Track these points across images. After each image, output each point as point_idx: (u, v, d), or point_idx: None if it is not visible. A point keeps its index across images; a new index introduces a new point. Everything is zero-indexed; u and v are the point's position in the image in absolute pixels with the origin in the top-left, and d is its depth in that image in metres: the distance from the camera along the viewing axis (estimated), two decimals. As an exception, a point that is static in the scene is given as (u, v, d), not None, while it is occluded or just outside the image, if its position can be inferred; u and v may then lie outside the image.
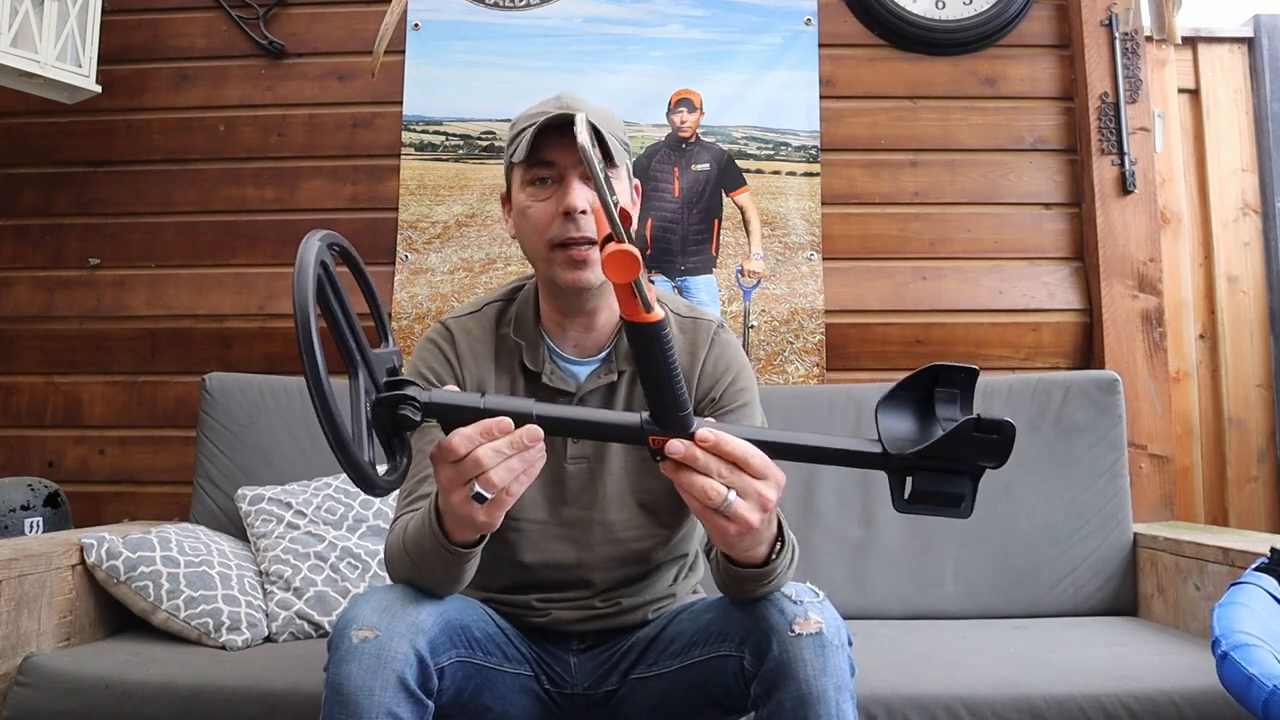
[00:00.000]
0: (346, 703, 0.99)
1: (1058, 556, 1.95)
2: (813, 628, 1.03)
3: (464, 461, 0.91)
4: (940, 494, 0.87)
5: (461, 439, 0.90)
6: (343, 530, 1.87)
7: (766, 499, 0.92)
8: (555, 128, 1.16)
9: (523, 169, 1.21)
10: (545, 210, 1.19)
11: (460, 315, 1.32)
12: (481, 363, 1.27)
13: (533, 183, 1.20)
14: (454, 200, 2.40)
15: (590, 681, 1.26)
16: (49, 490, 2.10)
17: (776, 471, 0.93)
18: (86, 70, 2.21)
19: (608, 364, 1.26)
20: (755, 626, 1.06)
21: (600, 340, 1.27)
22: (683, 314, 1.32)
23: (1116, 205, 2.31)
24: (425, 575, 1.08)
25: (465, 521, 0.96)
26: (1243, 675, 1.14)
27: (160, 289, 2.41)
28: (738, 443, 0.91)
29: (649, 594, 1.29)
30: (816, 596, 1.08)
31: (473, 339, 1.29)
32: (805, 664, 1.01)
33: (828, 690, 1.01)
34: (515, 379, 1.27)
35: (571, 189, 1.17)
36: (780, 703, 1.01)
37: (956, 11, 2.42)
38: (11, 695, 1.50)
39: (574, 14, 2.46)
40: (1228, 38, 2.53)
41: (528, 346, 1.26)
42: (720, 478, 0.90)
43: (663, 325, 0.86)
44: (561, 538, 1.25)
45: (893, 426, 0.90)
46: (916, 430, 0.90)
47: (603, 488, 1.24)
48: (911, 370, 0.93)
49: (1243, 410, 2.43)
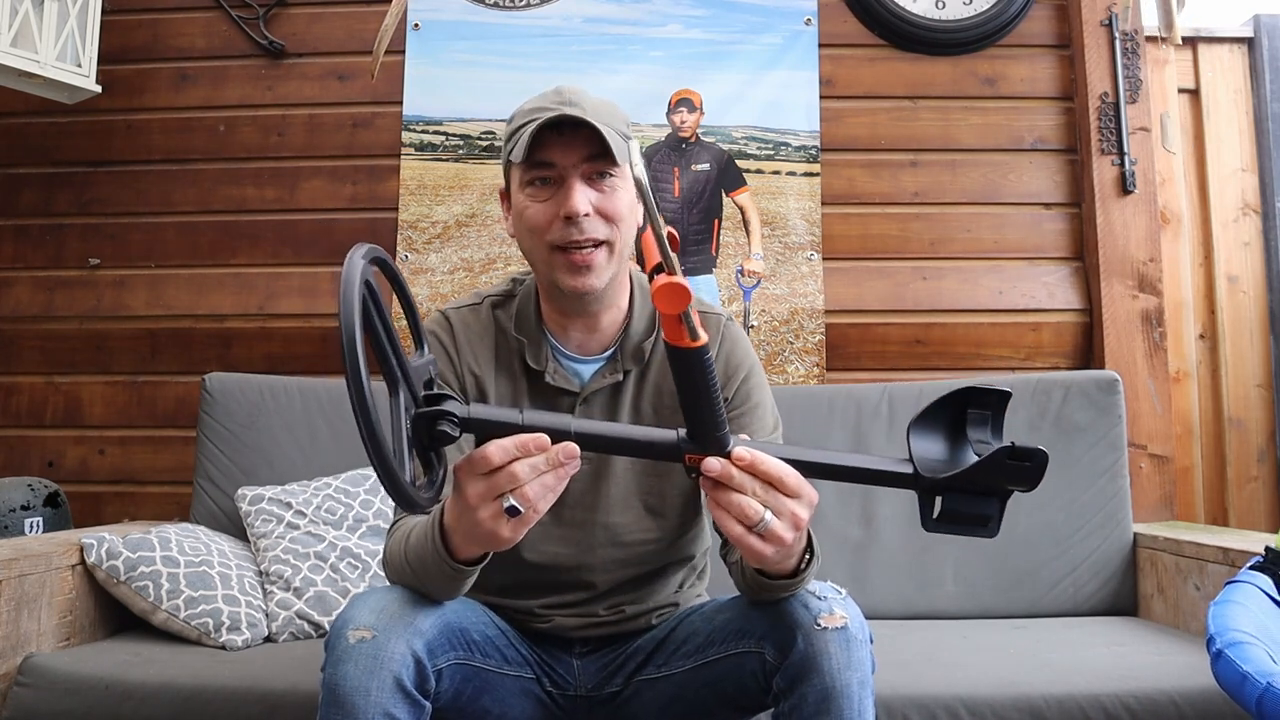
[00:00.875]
0: (342, 703, 0.99)
1: (1058, 556, 1.95)
2: (838, 622, 1.03)
3: (498, 474, 0.88)
4: (969, 515, 0.89)
5: (498, 450, 0.87)
6: (343, 530, 1.87)
7: (800, 518, 0.91)
8: (555, 127, 1.11)
9: (521, 169, 1.16)
10: (545, 212, 1.14)
11: (459, 306, 1.29)
12: (480, 357, 1.25)
13: (531, 183, 1.15)
14: (454, 200, 2.40)
15: (594, 683, 1.25)
16: (49, 490, 2.10)
17: (810, 490, 0.93)
18: (86, 70, 2.21)
19: (612, 363, 1.24)
20: (779, 621, 1.06)
21: (604, 340, 1.25)
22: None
23: (1116, 205, 2.31)
24: (426, 584, 1.07)
25: (488, 538, 0.92)
26: (1237, 673, 1.15)
27: (160, 289, 2.41)
28: (774, 462, 0.90)
29: (652, 600, 1.29)
30: (839, 594, 1.08)
31: (471, 332, 1.26)
32: (831, 658, 1.01)
33: (851, 684, 1.01)
34: (516, 377, 1.25)
35: (573, 192, 1.12)
36: (804, 696, 1.01)
37: (956, 11, 2.41)
38: (11, 695, 1.50)
39: (574, 14, 2.46)
40: (1228, 38, 2.53)
41: (530, 345, 1.24)
42: (756, 496, 0.90)
43: (706, 350, 0.86)
44: (562, 539, 1.24)
45: (924, 447, 0.91)
46: (947, 451, 0.91)
47: (607, 490, 1.23)
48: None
49: (1243, 410, 2.43)
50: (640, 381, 1.25)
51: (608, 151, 1.11)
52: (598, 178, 1.14)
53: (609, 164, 1.14)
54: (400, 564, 1.09)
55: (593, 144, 1.12)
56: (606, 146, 1.11)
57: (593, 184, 1.14)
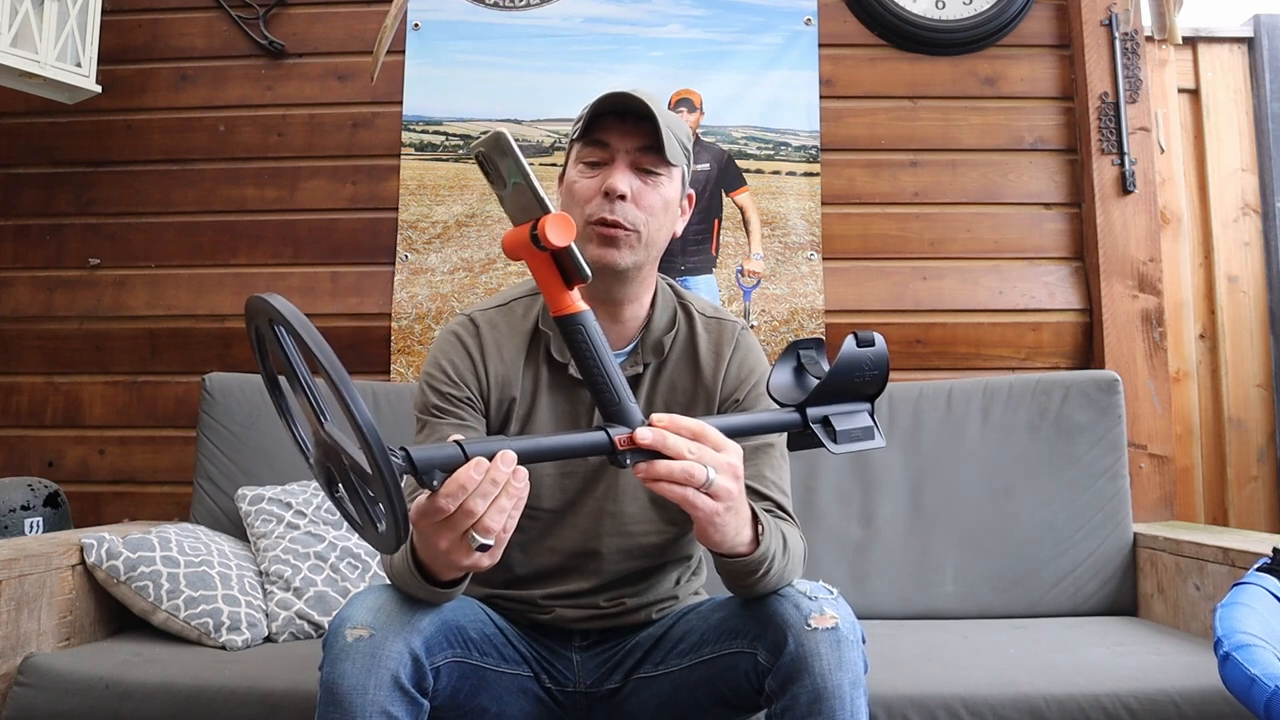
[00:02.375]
0: (340, 702, 0.99)
1: (1058, 556, 1.95)
2: (829, 623, 1.04)
3: (455, 516, 0.86)
4: (856, 429, 1.00)
5: (445, 499, 0.85)
6: (343, 530, 1.87)
7: (735, 467, 0.95)
8: (617, 113, 1.18)
9: (579, 147, 1.22)
10: (590, 187, 1.20)
11: (485, 308, 1.31)
12: (508, 357, 1.26)
13: (585, 161, 1.21)
14: (454, 200, 2.40)
15: (593, 679, 1.26)
16: (49, 490, 2.10)
17: (731, 442, 0.96)
18: (86, 70, 2.21)
19: (634, 356, 1.27)
20: (770, 622, 1.07)
21: (627, 334, 1.28)
22: (708, 314, 1.32)
23: (1116, 205, 2.31)
24: (418, 595, 1.08)
25: (469, 568, 0.96)
26: (1245, 676, 1.14)
27: (160, 289, 2.41)
28: (691, 420, 0.94)
29: (653, 594, 1.30)
30: (831, 594, 1.09)
31: (499, 333, 1.27)
32: (821, 659, 1.02)
33: (843, 685, 1.01)
34: (540, 370, 1.26)
35: (617, 172, 1.18)
36: (795, 696, 1.02)
37: (956, 11, 2.41)
38: (11, 695, 1.50)
39: (574, 14, 2.46)
40: (1228, 38, 2.53)
41: (555, 337, 1.25)
42: (693, 456, 0.92)
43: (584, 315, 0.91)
44: (572, 526, 1.25)
45: (786, 395, 1.03)
46: (803, 387, 1.05)
47: (618, 479, 1.25)
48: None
49: (1243, 410, 2.43)
50: (656, 376, 1.28)
51: (660, 146, 1.17)
52: (645, 171, 1.20)
53: (659, 160, 1.19)
54: (400, 570, 1.09)
55: (649, 136, 1.18)
56: (660, 141, 1.16)
57: (639, 174, 1.20)
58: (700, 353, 1.28)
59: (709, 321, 1.31)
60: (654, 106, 1.17)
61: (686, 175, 1.26)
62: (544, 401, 1.26)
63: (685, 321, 1.30)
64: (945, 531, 1.97)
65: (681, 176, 1.25)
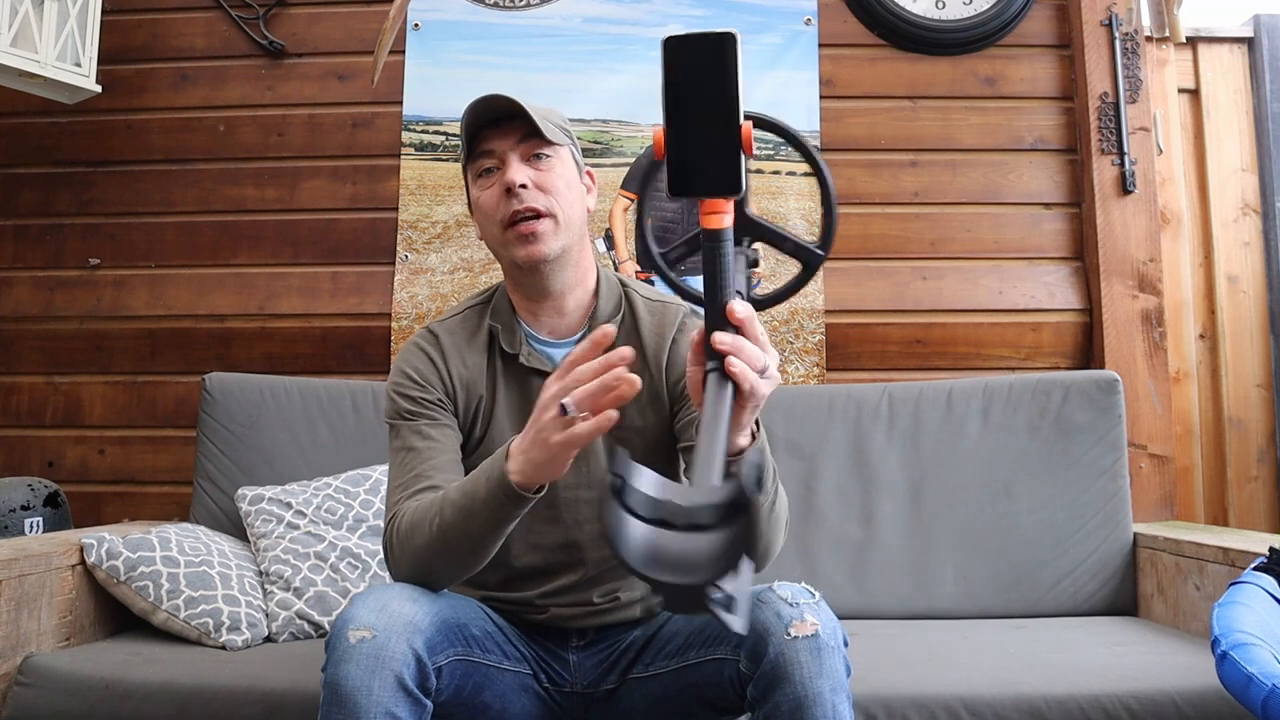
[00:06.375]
0: (345, 703, 1.00)
1: (1058, 556, 1.95)
2: (809, 630, 1.04)
3: (568, 376, 0.98)
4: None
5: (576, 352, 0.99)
6: (343, 530, 1.87)
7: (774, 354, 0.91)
8: (492, 122, 1.25)
9: (472, 167, 1.28)
10: (493, 194, 1.25)
11: (443, 319, 1.37)
12: (470, 361, 1.31)
13: (481, 174, 1.27)
14: (454, 200, 2.40)
15: (590, 680, 1.26)
16: (49, 490, 2.10)
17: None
18: (86, 70, 2.21)
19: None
20: (751, 629, 1.07)
21: (573, 324, 1.31)
22: (652, 299, 1.35)
23: (1116, 205, 2.31)
24: (452, 545, 1.09)
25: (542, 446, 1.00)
26: (1242, 674, 1.15)
27: (160, 289, 2.41)
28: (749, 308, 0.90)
29: (643, 586, 1.30)
30: (812, 598, 1.09)
31: (458, 339, 1.33)
32: (801, 666, 1.02)
33: (823, 692, 1.02)
34: (494, 363, 1.31)
35: (510, 167, 1.23)
36: (777, 704, 1.02)
37: (956, 11, 2.41)
38: (11, 695, 1.50)
39: (574, 14, 2.46)
40: (1228, 38, 2.52)
41: (504, 330, 1.31)
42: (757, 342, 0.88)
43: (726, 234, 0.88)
44: (548, 519, 1.26)
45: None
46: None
47: (596, 464, 1.26)
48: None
49: (1243, 410, 2.43)
50: None
51: (538, 132, 1.23)
52: (535, 158, 1.25)
53: (542, 143, 1.25)
54: (427, 531, 1.11)
55: (524, 126, 1.24)
56: (537, 127, 1.22)
57: (530, 163, 1.25)
58: (644, 335, 1.31)
59: (652, 305, 1.34)
60: (520, 100, 1.23)
61: (576, 154, 1.32)
62: (500, 395, 1.30)
63: (628, 307, 1.33)
64: (945, 531, 1.97)
65: (571, 155, 1.30)
